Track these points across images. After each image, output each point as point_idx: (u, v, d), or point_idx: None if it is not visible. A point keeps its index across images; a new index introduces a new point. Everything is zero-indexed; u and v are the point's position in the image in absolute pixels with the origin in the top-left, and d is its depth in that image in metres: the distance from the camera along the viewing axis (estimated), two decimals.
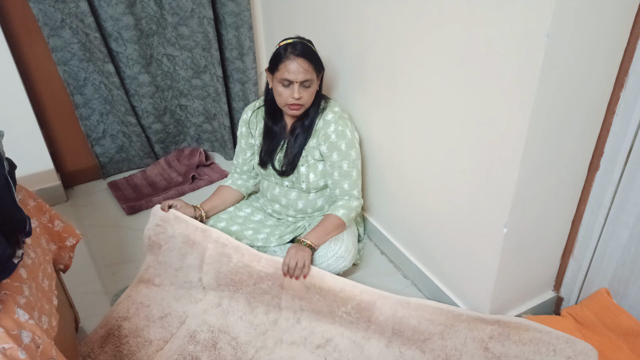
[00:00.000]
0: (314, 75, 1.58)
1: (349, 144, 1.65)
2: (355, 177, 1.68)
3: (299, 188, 1.74)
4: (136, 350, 1.50)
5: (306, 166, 1.70)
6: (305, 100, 1.59)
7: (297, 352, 1.49)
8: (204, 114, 2.48)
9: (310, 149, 1.69)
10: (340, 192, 1.69)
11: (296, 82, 1.55)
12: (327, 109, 1.68)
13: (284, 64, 1.54)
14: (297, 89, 1.55)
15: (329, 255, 1.62)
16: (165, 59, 2.30)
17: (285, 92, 1.57)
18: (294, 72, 1.53)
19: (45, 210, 1.42)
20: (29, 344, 0.94)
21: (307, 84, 1.57)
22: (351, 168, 1.67)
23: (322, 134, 1.66)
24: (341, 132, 1.64)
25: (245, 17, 2.17)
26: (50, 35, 2.02)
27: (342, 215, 1.65)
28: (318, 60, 1.61)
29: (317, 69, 1.59)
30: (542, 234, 1.40)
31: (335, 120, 1.65)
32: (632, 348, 1.37)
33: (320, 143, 1.67)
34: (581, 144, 1.29)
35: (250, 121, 1.80)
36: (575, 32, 1.04)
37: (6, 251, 0.98)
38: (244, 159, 1.86)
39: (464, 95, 1.27)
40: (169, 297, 1.67)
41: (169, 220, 1.64)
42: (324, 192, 1.77)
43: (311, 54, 1.58)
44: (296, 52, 1.54)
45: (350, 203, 1.68)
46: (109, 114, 2.30)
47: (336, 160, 1.65)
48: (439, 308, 1.49)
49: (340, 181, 1.68)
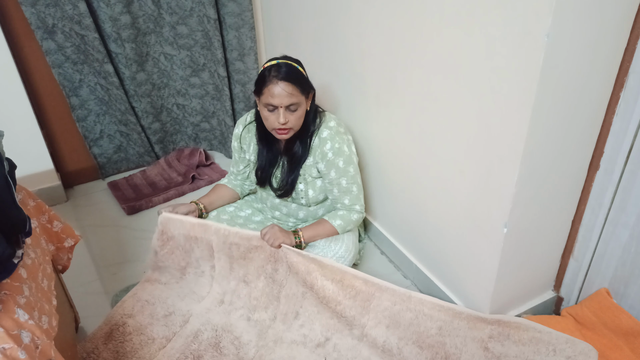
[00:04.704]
0: (300, 98, 1.50)
1: (346, 160, 1.62)
2: (356, 192, 1.66)
3: (299, 203, 1.73)
4: (139, 347, 1.51)
5: (304, 183, 1.67)
6: (293, 124, 1.53)
7: (297, 351, 1.49)
8: (202, 112, 2.48)
9: (308, 167, 1.65)
10: (341, 206, 1.68)
11: (281, 107, 1.48)
12: (322, 126, 1.62)
13: (268, 88, 1.47)
14: (282, 114, 1.48)
15: (329, 255, 1.61)
16: (163, 57, 2.30)
17: (271, 117, 1.51)
18: (278, 96, 1.46)
19: (45, 210, 1.42)
20: (29, 344, 0.94)
21: (293, 107, 1.50)
22: (350, 184, 1.64)
23: (319, 152, 1.62)
24: (338, 149, 1.60)
25: (246, 17, 2.17)
26: (44, 39, 2.02)
27: (338, 226, 1.65)
28: (304, 82, 1.53)
29: (303, 91, 1.51)
30: (542, 234, 1.40)
31: (332, 137, 1.60)
32: (632, 348, 1.37)
33: (318, 161, 1.63)
34: (581, 144, 1.28)
35: (242, 137, 1.75)
36: (575, 32, 1.04)
37: (6, 251, 0.98)
38: (238, 170, 1.84)
39: (464, 95, 1.27)
40: (174, 295, 1.67)
41: (164, 222, 1.65)
42: (324, 203, 1.76)
43: (296, 77, 1.49)
44: (280, 75, 1.46)
45: (350, 216, 1.67)
46: (106, 115, 2.30)
47: (334, 177, 1.63)
48: (439, 304, 1.47)
49: (341, 197, 1.66)
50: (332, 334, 1.52)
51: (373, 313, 1.49)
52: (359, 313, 1.50)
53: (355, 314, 1.50)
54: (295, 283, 1.56)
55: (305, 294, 1.56)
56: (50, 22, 1.99)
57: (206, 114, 2.49)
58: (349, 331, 1.51)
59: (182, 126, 2.54)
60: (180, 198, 2.29)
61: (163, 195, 2.26)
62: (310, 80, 1.58)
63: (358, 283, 1.50)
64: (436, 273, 1.66)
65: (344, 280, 1.51)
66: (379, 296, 1.49)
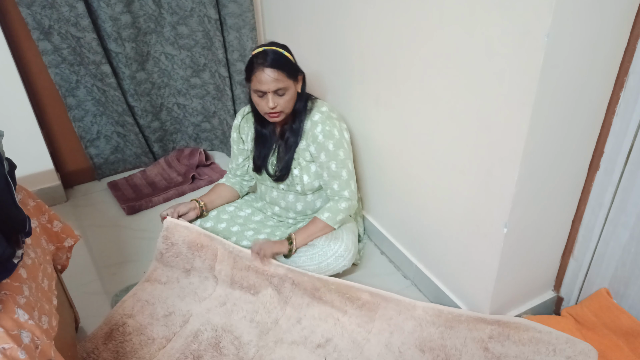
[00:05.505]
0: (287, 83, 1.55)
1: (337, 144, 1.64)
2: (345, 177, 1.67)
3: (295, 190, 1.74)
4: (139, 348, 1.50)
5: (299, 168, 1.69)
6: (283, 107, 1.58)
7: (297, 351, 1.49)
8: (203, 112, 2.48)
9: (301, 150, 1.68)
10: (331, 192, 1.69)
11: (269, 92, 1.53)
12: (314, 109, 1.66)
13: (255, 75, 1.53)
14: (271, 99, 1.54)
15: (328, 255, 1.62)
16: (164, 57, 2.30)
17: (261, 102, 1.57)
18: (265, 82, 1.52)
19: (45, 210, 1.42)
20: (29, 344, 0.94)
21: (280, 92, 1.55)
22: (340, 168, 1.65)
23: (310, 135, 1.65)
24: (328, 132, 1.63)
25: (247, 18, 2.17)
26: (40, 39, 2.02)
27: (327, 219, 1.65)
28: (291, 67, 1.57)
29: (290, 76, 1.56)
30: (542, 234, 1.40)
31: (323, 120, 1.64)
32: (632, 348, 1.37)
33: (309, 144, 1.66)
34: (581, 144, 1.28)
35: (241, 127, 1.80)
36: (575, 32, 1.04)
37: (6, 251, 0.98)
38: (237, 164, 1.87)
39: (464, 95, 1.27)
40: (174, 295, 1.68)
41: (169, 228, 1.67)
42: (321, 194, 1.77)
43: (282, 62, 1.54)
44: (266, 63, 1.51)
45: (338, 205, 1.67)
46: (103, 115, 2.30)
47: (324, 160, 1.65)
48: (439, 309, 1.50)
49: (330, 182, 1.67)
50: (333, 335, 1.52)
51: (378, 322, 1.53)
52: (365, 322, 1.53)
53: (361, 321, 1.53)
54: (301, 295, 1.59)
55: (310, 303, 1.58)
56: (46, 24, 1.99)
57: (207, 113, 2.49)
58: (350, 334, 1.52)
59: (182, 126, 2.54)
60: (180, 198, 2.29)
61: (163, 195, 2.26)
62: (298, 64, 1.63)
63: (364, 295, 1.56)
64: (436, 273, 1.66)
65: (350, 292, 1.56)
66: (385, 306, 1.54)
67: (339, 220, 1.68)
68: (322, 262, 1.61)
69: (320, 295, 1.58)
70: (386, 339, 1.49)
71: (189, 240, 1.66)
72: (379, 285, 1.61)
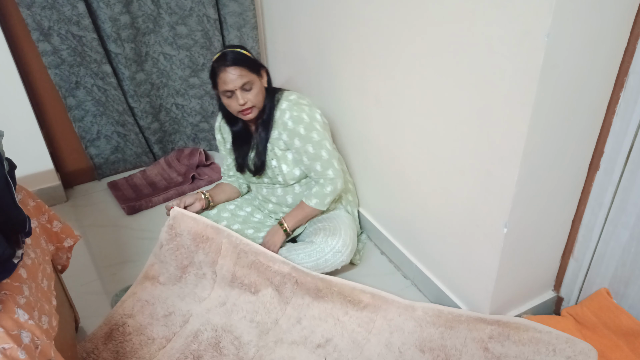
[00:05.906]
0: (251, 77, 1.59)
1: (308, 127, 1.66)
2: (326, 157, 1.68)
3: (278, 182, 1.75)
4: (139, 348, 1.50)
5: (276, 159, 1.71)
6: (254, 102, 1.61)
7: (297, 351, 1.49)
8: (201, 112, 2.48)
9: (275, 140, 1.71)
10: (315, 174, 1.70)
11: (236, 90, 1.57)
12: (282, 99, 1.69)
13: (220, 77, 1.57)
14: (239, 95, 1.58)
15: (326, 251, 1.63)
16: (162, 57, 2.30)
17: (231, 102, 1.61)
18: (231, 81, 1.56)
19: (44, 210, 1.42)
20: (29, 344, 0.94)
21: (247, 86, 1.59)
22: (318, 149, 1.67)
23: (281, 123, 1.68)
24: (297, 117, 1.65)
25: (248, 17, 2.17)
26: (40, 40, 2.02)
27: (315, 204, 1.69)
28: (252, 62, 1.61)
29: (253, 70, 1.60)
30: (542, 234, 1.40)
31: (290, 107, 1.67)
32: (632, 348, 1.37)
33: (281, 132, 1.69)
34: (581, 144, 1.28)
35: (222, 127, 1.84)
36: (575, 32, 1.04)
37: (6, 251, 0.98)
38: (227, 164, 1.91)
39: (464, 95, 1.27)
40: (174, 295, 1.67)
41: (176, 217, 1.65)
42: (309, 184, 1.78)
43: (242, 58, 1.59)
44: (227, 63, 1.56)
45: (324, 189, 1.69)
46: (103, 115, 2.30)
47: (300, 146, 1.67)
48: (439, 310, 1.50)
49: (312, 164, 1.69)
50: (333, 335, 1.53)
51: (379, 322, 1.53)
52: (365, 322, 1.54)
53: (361, 322, 1.54)
54: (302, 295, 1.60)
55: (310, 304, 1.58)
56: (46, 25, 1.99)
57: (205, 114, 2.49)
58: (350, 334, 1.52)
59: (181, 126, 2.54)
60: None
61: (163, 195, 2.26)
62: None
63: (366, 297, 1.57)
64: (436, 273, 1.66)
65: (352, 294, 1.57)
66: (386, 308, 1.55)
67: (327, 203, 1.71)
68: (319, 258, 1.62)
69: (322, 296, 1.58)
70: (386, 339, 1.49)
71: (195, 231, 1.64)
72: (379, 285, 1.62)
